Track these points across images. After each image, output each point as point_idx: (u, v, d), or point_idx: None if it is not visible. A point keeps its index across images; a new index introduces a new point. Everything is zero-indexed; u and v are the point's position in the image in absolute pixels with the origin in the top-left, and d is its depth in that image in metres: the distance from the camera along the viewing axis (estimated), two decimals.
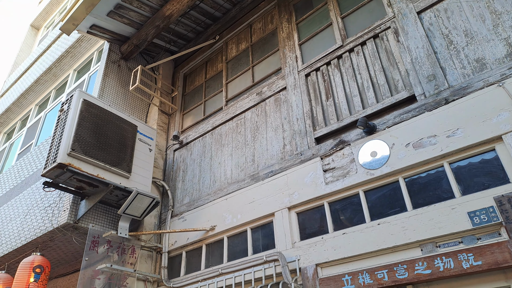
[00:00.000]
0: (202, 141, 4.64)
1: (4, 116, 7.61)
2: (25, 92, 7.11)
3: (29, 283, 3.59)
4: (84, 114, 3.79)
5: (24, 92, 7.10)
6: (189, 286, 3.61)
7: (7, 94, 7.91)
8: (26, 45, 9.24)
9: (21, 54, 9.04)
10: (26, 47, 9.22)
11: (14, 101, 7.27)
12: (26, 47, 9.22)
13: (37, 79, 6.82)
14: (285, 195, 3.37)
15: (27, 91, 7.07)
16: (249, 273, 3.21)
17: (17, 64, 8.82)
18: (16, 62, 8.86)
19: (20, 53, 9.05)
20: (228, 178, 4.04)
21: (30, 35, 9.44)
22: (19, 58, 8.98)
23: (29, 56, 7.90)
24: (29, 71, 7.41)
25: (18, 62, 8.85)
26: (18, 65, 8.80)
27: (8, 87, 8.07)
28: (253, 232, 3.53)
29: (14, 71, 8.46)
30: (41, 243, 4.05)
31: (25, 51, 9.14)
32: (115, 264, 3.58)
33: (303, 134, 3.57)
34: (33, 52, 8.00)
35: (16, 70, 8.26)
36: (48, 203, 4.14)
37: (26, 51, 9.15)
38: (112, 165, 3.77)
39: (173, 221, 4.23)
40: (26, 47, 9.23)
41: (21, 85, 7.33)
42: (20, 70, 7.88)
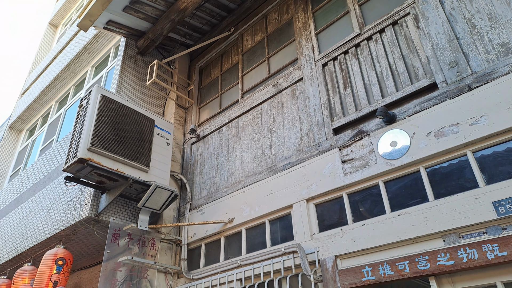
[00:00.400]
0: (219, 134, 4.64)
1: (26, 113, 7.81)
2: (45, 89, 7.26)
3: (52, 274, 3.69)
4: (103, 110, 3.84)
5: (45, 89, 7.26)
6: (208, 277, 3.64)
7: (28, 92, 8.10)
8: (46, 43, 9.43)
9: (40, 52, 9.23)
10: (45, 45, 9.40)
11: (35, 98, 7.44)
12: (46, 45, 9.41)
13: (56, 76, 6.95)
14: (303, 187, 3.35)
15: (47, 88, 7.23)
16: (268, 265, 3.21)
17: (37, 62, 9.02)
18: (36, 60, 9.05)
19: (40, 51, 9.24)
20: (245, 171, 4.04)
21: (49, 33, 9.62)
22: (39, 56, 9.17)
23: (48, 53, 8.06)
24: (48, 69, 7.57)
25: (38, 60, 9.04)
26: (38, 63, 9.00)
27: (29, 85, 8.26)
28: (271, 224, 3.53)
29: (35, 69, 8.65)
30: (64, 236, 4.15)
31: (44, 49, 9.33)
32: (136, 256, 3.64)
33: (320, 125, 3.53)
34: (52, 49, 8.15)
35: (36, 68, 8.45)
36: (70, 197, 4.23)
37: (45, 49, 9.33)
38: (131, 159, 3.82)
39: (191, 214, 4.26)
40: (46, 45, 9.41)
41: (42, 83, 7.49)
42: (40, 68, 8.05)
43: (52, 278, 3.72)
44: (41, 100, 7.50)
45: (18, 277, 4.18)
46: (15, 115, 8.03)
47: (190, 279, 3.80)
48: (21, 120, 7.94)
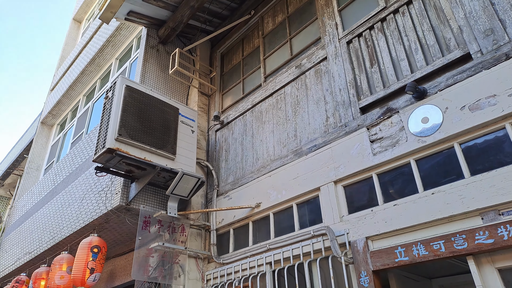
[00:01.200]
0: (243, 120, 4.61)
1: (56, 108, 8.05)
2: (73, 84, 7.44)
3: (88, 261, 3.81)
4: (128, 100, 3.88)
5: (72, 84, 7.44)
6: (238, 262, 3.66)
7: (57, 87, 8.34)
8: (71, 39, 9.64)
9: (66, 48, 9.45)
10: (70, 40, 9.62)
11: (64, 93, 7.65)
12: (71, 41, 9.62)
13: (82, 70, 7.10)
14: (330, 168, 3.28)
15: (74, 82, 7.40)
16: (297, 248, 3.19)
17: (63, 57, 9.24)
18: (63, 56, 9.28)
19: (66, 46, 9.46)
20: (270, 155, 4.00)
21: (73, 28, 9.82)
22: (65, 51, 9.40)
23: (74, 49, 8.24)
24: (75, 64, 7.74)
25: (65, 56, 9.27)
26: (64, 58, 9.22)
27: (58, 81, 8.50)
28: (298, 208, 3.49)
29: (62, 64, 8.88)
30: (97, 225, 4.28)
31: (70, 45, 9.54)
32: (167, 242, 3.71)
33: (347, 105, 3.42)
34: (77, 45, 8.33)
35: (63, 64, 8.66)
36: (101, 187, 4.34)
37: (71, 45, 9.55)
38: (157, 147, 3.86)
39: (219, 200, 4.28)
40: (71, 40, 9.62)
41: (69, 77, 7.68)
42: (67, 63, 8.25)
43: (89, 265, 3.85)
44: (69, 95, 7.70)
45: (55, 264, 4.36)
46: (46, 111, 8.30)
47: (220, 264, 3.84)
48: (51, 115, 8.20)
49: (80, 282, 3.78)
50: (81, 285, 3.78)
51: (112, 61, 6.79)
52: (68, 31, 9.76)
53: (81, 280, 3.77)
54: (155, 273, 3.72)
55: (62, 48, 9.56)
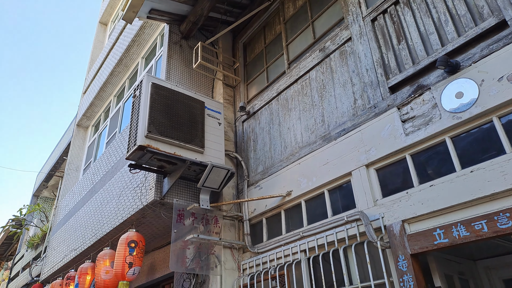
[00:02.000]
0: (269, 109, 4.57)
1: (89, 110, 8.34)
2: (103, 86, 7.67)
3: (126, 256, 3.95)
4: (155, 97, 3.94)
5: (103, 86, 7.66)
6: (272, 250, 3.66)
7: (89, 90, 8.63)
8: (98, 42, 9.92)
9: (95, 51, 9.73)
10: (98, 43, 9.90)
11: (95, 95, 7.90)
12: (99, 44, 9.90)
13: (111, 71, 7.29)
14: (361, 152, 3.19)
15: (104, 84, 7.62)
16: (331, 235, 3.14)
17: (93, 61, 9.53)
18: (92, 59, 9.58)
19: (94, 50, 9.75)
20: (298, 142, 3.95)
21: (100, 31, 10.09)
22: (94, 54, 9.69)
23: (102, 51, 8.47)
24: (103, 66, 7.96)
25: (94, 59, 9.56)
26: (94, 61, 9.51)
27: (89, 83, 8.79)
28: (330, 194, 3.43)
29: (92, 67, 9.16)
30: (135, 220, 4.41)
31: (98, 48, 9.82)
32: (201, 234, 3.77)
33: (375, 85, 3.31)
34: (104, 47, 8.55)
35: (93, 67, 8.94)
36: (136, 183, 4.46)
37: (99, 47, 9.83)
38: (186, 142, 3.90)
39: (249, 190, 4.30)
40: (98, 43, 9.90)
41: (99, 80, 7.92)
42: (96, 66, 8.51)
43: (127, 259, 3.99)
44: (101, 96, 7.95)
45: (99, 260, 4.56)
46: (80, 113, 8.62)
47: (255, 253, 3.86)
48: (86, 117, 8.51)
49: (120, 276, 3.93)
50: (121, 279, 3.93)
51: (138, 60, 6.93)
52: (95, 35, 10.04)
53: (121, 274, 3.91)
54: (193, 264, 3.80)
55: (91, 52, 9.86)
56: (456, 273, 2.89)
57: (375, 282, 2.69)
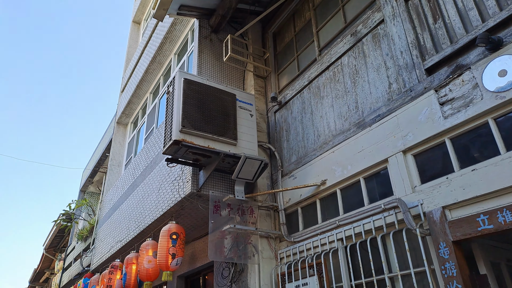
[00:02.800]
0: (300, 98, 4.53)
1: (128, 108, 8.65)
2: (139, 83, 7.91)
3: (169, 247, 4.09)
4: (187, 92, 4.02)
5: (139, 83, 7.91)
6: (309, 239, 3.66)
7: (126, 89, 8.94)
8: (133, 41, 10.22)
9: (130, 50, 10.04)
10: (132, 42, 10.20)
11: (132, 93, 8.17)
12: (133, 43, 10.20)
13: (146, 69, 7.50)
14: (397, 138, 3.09)
15: (140, 82, 7.86)
16: (368, 223, 3.09)
17: (128, 60, 9.85)
18: (128, 58, 9.89)
19: (129, 49, 10.06)
20: (332, 130, 3.89)
21: (134, 30, 10.38)
22: (129, 54, 10.00)
23: (136, 50, 8.72)
24: (139, 64, 8.20)
25: (129, 58, 9.87)
26: (129, 60, 9.82)
27: (126, 82, 9.10)
28: (366, 182, 3.37)
29: (128, 66, 9.47)
30: (174, 212, 4.56)
31: (133, 47, 10.13)
32: (238, 224, 3.83)
33: (410, 68, 3.18)
34: (138, 45, 8.80)
35: (129, 66, 9.24)
36: (174, 177, 4.60)
37: (133, 46, 10.13)
38: (219, 135, 3.96)
39: (284, 180, 4.30)
40: (133, 42, 10.20)
41: (135, 78, 8.18)
42: (132, 65, 8.78)
43: (170, 251, 4.14)
44: (137, 94, 8.21)
45: (142, 250, 4.76)
46: (119, 111, 8.97)
47: (292, 242, 3.88)
48: (125, 115, 8.83)
49: (165, 267, 4.08)
50: (165, 269, 4.08)
51: (171, 56, 7.07)
52: (129, 34, 10.34)
53: (165, 265, 4.07)
54: (231, 253, 3.88)
55: (126, 51, 10.18)
56: (504, 260, 2.75)
57: (415, 270, 2.62)
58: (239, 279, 4.07)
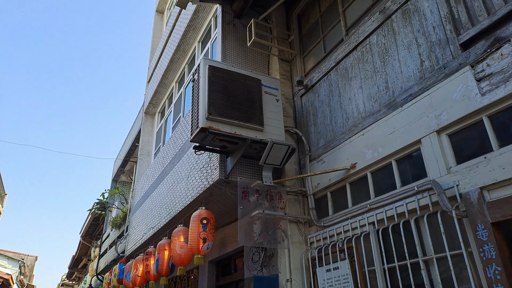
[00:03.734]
0: (327, 80, 4.43)
1: (154, 98, 8.78)
2: (165, 73, 7.99)
3: (200, 232, 4.16)
4: (212, 79, 4.01)
5: (164, 73, 7.99)
6: (339, 224, 3.62)
7: (152, 79, 9.07)
8: (157, 31, 10.30)
9: (154, 40, 10.14)
10: (156, 32, 10.29)
11: (159, 83, 8.28)
12: (157, 32, 10.28)
13: (171, 58, 7.56)
14: (430, 118, 2.97)
15: (166, 71, 7.94)
16: (401, 206, 3.01)
17: (153, 50, 9.96)
18: (153, 48, 10.00)
19: (154, 39, 10.16)
20: (361, 113, 3.79)
21: (158, 20, 10.46)
22: (154, 44, 10.10)
23: (161, 40, 8.79)
24: (163, 53, 8.28)
25: (154, 48, 9.97)
26: (154, 50, 9.93)
27: (152, 72, 9.22)
28: (398, 164, 3.27)
29: (153, 57, 9.58)
30: (203, 198, 4.62)
31: (157, 36, 10.22)
32: (266, 210, 3.83)
33: (443, 44, 3.03)
34: (163, 35, 8.87)
35: (154, 56, 9.34)
36: (202, 164, 4.64)
37: (158, 36, 10.22)
38: (245, 121, 3.94)
39: (312, 164, 4.25)
40: (157, 32, 10.29)
41: (160, 68, 8.26)
42: (157, 55, 8.87)
43: (201, 235, 4.21)
44: (163, 84, 8.31)
45: (174, 236, 4.87)
46: (146, 102, 9.12)
47: (321, 227, 3.84)
48: (152, 105, 8.98)
49: (196, 251, 4.16)
50: (197, 253, 4.16)
51: (195, 44, 7.08)
52: (153, 24, 10.43)
53: (197, 249, 4.15)
54: (260, 238, 3.91)
55: (151, 41, 10.29)
56: None
57: (451, 252, 2.54)
58: (269, 263, 4.10)
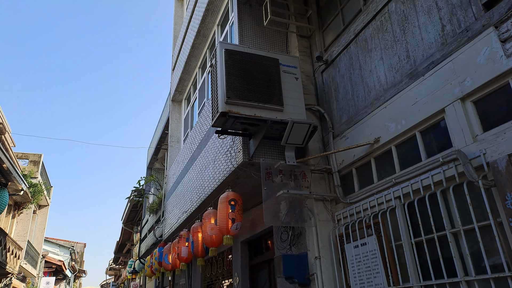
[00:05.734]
0: (347, 54, 4.30)
1: (180, 85, 8.90)
2: (188, 60, 8.05)
3: (228, 213, 4.26)
4: (229, 63, 4.01)
5: (187, 60, 8.05)
6: (365, 200, 3.58)
7: (176, 66, 9.17)
8: (178, 17, 10.34)
9: (176, 28, 10.20)
10: (178, 19, 10.33)
11: (182, 70, 8.36)
12: (178, 19, 10.33)
13: (192, 44, 7.59)
14: (454, 85, 2.83)
15: (188, 58, 7.99)
16: (426, 178, 2.92)
17: (176, 37, 10.03)
18: (175, 35, 10.07)
19: (175, 26, 10.22)
20: (382, 85, 3.67)
21: (178, 7, 10.48)
22: (176, 31, 10.16)
23: (182, 26, 8.83)
24: (185, 40, 8.33)
25: (176, 35, 10.04)
26: (177, 38, 10.00)
27: (176, 60, 9.32)
28: (423, 135, 3.16)
29: (176, 44, 9.66)
30: (230, 181, 4.70)
31: (178, 24, 10.27)
32: (291, 189, 3.85)
33: (465, 5, 2.85)
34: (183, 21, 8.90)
35: (176, 43, 9.42)
36: (226, 148, 4.71)
37: (179, 23, 10.26)
38: (264, 102, 3.93)
39: (335, 141, 4.19)
40: (178, 19, 10.33)
41: (183, 54, 8.33)
42: (179, 42, 8.94)
43: (230, 216, 4.31)
44: (187, 70, 8.39)
45: (205, 218, 5.02)
46: (172, 89, 9.27)
47: (348, 203, 3.82)
48: (178, 92, 9.12)
49: (225, 231, 4.28)
50: (226, 233, 4.28)
51: (214, 28, 7.06)
52: (174, 11, 10.47)
53: (226, 229, 4.26)
54: (287, 218, 3.94)
55: (173, 29, 10.36)
56: None
57: (479, 224, 2.45)
58: (297, 242, 4.14)
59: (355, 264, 3.46)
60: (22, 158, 17.26)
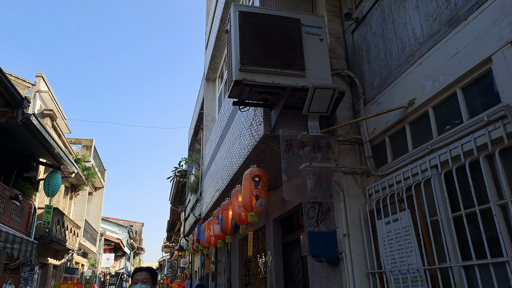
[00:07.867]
0: (379, 7, 3.79)
1: (212, 63, 8.71)
2: (218, 35, 7.80)
3: (252, 189, 4.02)
4: (244, 26, 3.68)
5: (217, 35, 7.81)
6: (399, 170, 3.14)
7: (209, 44, 8.97)
8: None
9: (208, 3, 9.95)
10: None
11: (214, 47, 8.15)
12: None
13: (221, 18, 7.31)
14: (502, 26, 2.30)
15: (218, 33, 7.74)
16: (468, 142, 2.45)
17: (208, 14, 9.80)
18: (207, 12, 9.85)
19: (208, 2, 9.98)
20: (418, 38, 3.15)
21: None
22: (208, 8, 9.92)
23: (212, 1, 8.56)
24: (215, 15, 8.06)
25: (208, 12, 9.81)
26: (208, 14, 9.77)
27: (208, 38, 9.12)
28: (464, 92, 2.66)
29: (208, 22, 9.44)
30: (255, 157, 4.44)
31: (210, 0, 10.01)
32: (314, 162, 3.50)
33: None
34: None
35: (208, 20, 9.19)
36: (249, 121, 4.44)
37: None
38: (283, 68, 3.58)
39: (366, 108, 3.75)
40: None
41: (214, 30, 8.09)
42: (210, 18, 8.70)
43: (253, 192, 4.07)
44: (218, 47, 8.16)
45: (233, 196, 4.84)
46: (206, 68, 9.12)
47: (380, 176, 3.40)
48: (211, 70, 8.94)
49: (249, 208, 4.06)
50: (250, 210, 4.06)
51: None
52: None
53: (250, 206, 4.04)
54: (313, 193, 3.62)
55: (206, 6, 10.14)
56: None
57: None
58: (325, 218, 3.82)
59: (387, 242, 3.07)
60: (76, 144, 18.31)
